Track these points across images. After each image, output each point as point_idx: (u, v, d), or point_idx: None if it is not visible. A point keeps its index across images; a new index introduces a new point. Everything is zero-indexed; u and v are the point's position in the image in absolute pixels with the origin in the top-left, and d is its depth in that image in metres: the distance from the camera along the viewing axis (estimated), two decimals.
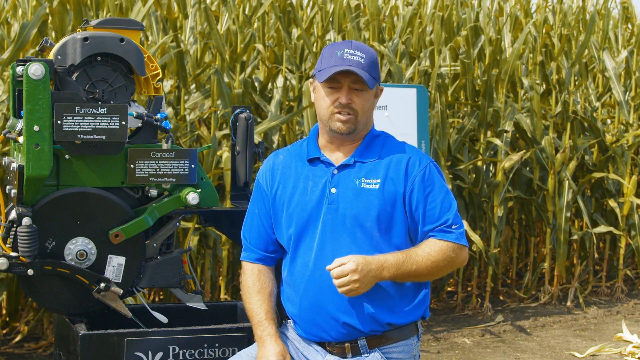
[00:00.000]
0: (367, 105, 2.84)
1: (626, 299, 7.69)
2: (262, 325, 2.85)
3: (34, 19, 5.38)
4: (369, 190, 2.79)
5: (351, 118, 2.81)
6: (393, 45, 7.03)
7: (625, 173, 7.68)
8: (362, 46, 2.85)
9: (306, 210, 2.83)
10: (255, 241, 2.97)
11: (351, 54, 2.80)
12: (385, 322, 2.79)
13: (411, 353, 2.85)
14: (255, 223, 2.97)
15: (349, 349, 2.81)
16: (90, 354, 2.97)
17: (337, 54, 2.80)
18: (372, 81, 2.82)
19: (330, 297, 2.77)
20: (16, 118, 3.13)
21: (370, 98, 2.86)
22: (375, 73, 2.84)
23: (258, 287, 2.92)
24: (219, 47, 6.11)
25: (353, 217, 2.78)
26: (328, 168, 2.85)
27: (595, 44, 8.09)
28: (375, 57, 2.86)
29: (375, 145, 2.88)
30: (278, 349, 2.80)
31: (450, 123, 7.18)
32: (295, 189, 2.87)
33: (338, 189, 2.81)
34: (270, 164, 2.98)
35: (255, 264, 2.96)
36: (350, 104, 2.81)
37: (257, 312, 2.88)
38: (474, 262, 7.17)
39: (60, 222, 3.09)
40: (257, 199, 2.97)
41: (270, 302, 2.91)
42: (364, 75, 2.78)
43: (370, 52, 2.84)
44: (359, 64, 2.79)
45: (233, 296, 6.14)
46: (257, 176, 3.00)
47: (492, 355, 5.94)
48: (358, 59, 2.80)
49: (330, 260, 2.73)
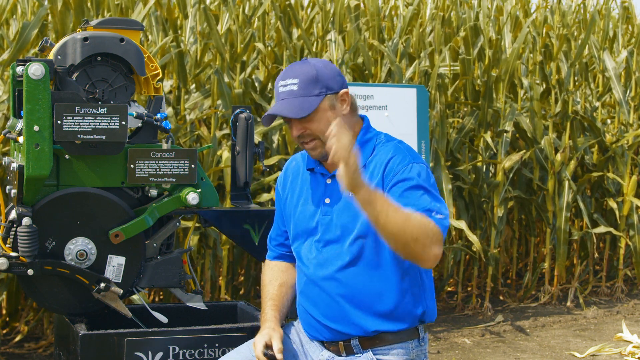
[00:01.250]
0: (322, 124, 2.74)
1: (626, 299, 7.69)
2: (264, 311, 2.95)
3: (35, 20, 5.37)
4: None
5: (316, 143, 2.77)
6: (393, 45, 7.04)
7: (625, 173, 7.68)
8: (294, 70, 2.76)
9: (305, 220, 2.87)
10: (275, 241, 3.08)
11: (284, 85, 2.76)
12: (371, 330, 2.78)
13: (408, 357, 2.80)
14: (276, 225, 3.08)
15: (342, 347, 2.82)
16: (90, 354, 2.97)
17: (277, 88, 2.79)
18: (309, 104, 2.72)
19: (319, 302, 2.81)
20: (16, 118, 3.13)
21: (323, 115, 2.74)
22: (315, 90, 2.73)
23: (270, 277, 3.02)
24: (219, 47, 6.11)
25: (343, 226, 2.77)
26: (323, 178, 2.86)
27: (595, 43, 8.09)
28: (311, 72, 2.74)
29: (365, 151, 2.80)
30: (267, 330, 2.85)
31: (450, 123, 7.18)
32: (299, 197, 2.92)
33: (331, 199, 2.82)
34: (286, 168, 3.04)
35: (274, 261, 3.07)
36: (305, 131, 2.76)
37: (264, 299, 2.98)
38: (474, 262, 7.18)
39: (60, 222, 3.09)
40: (277, 203, 3.06)
41: (280, 290, 2.97)
42: (294, 107, 2.71)
43: (305, 71, 2.74)
44: (291, 93, 2.73)
45: (233, 296, 6.15)
46: (277, 179, 3.07)
47: (492, 355, 5.94)
48: (290, 87, 2.74)
49: (322, 267, 2.79)
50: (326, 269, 2.79)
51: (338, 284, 2.78)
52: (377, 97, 5.10)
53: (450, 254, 6.90)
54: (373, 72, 6.78)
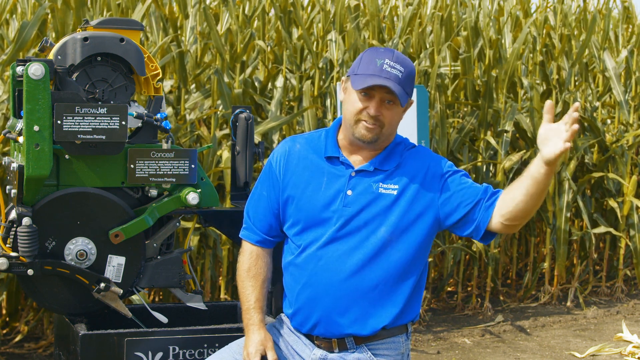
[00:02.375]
0: (395, 119, 2.83)
1: (626, 299, 7.69)
2: (249, 314, 2.89)
3: (34, 19, 5.37)
4: (386, 195, 2.80)
5: (376, 129, 2.80)
6: (393, 45, 7.04)
7: (625, 173, 7.68)
8: (403, 59, 2.81)
9: (317, 207, 2.82)
10: (260, 223, 2.96)
11: (391, 66, 2.77)
12: (379, 327, 2.79)
13: (399, 351, 2.85)
14: (262, 205, 2.95)
15: (335, 343, 2.82)
16: (90, 354, 2.98)
17: (376, 62, 2.77)
18: (405, 97, 2.80)
19: (328, 295, 2.79)
20: (16, 118, 3.13)
21: (399, 112, 2.84)
22: (409, 88, 2.81)
23: (254, 272, 2.94)
24: (219, 47, 6.11)
25: (367, 221, 2.79)
26: (347, 169, 2.85)
27: (596, 43, 8.09)
28: (413, 71, 2.82)
29: (395, 153, 2.87)
30: (259, 338, 2.84)
31: (450, 123, 7.18)
32: (309, 183, 2.86)
33: (354, 191, 2.81)
34: (286, 149, 2.93)
35: (255, 246, 2.97)
36: (379, 116, 2.79)
37: (248, 298, 2.91)
38: (474, 262, 7.17)
39: (60, 222, 3.09)
40: (267, 182, 2.94)
41: (262, 289, 2.93)
42: (398, 91, 2.75)
43: (409, 67, 2.81)
44: (396, 78, 2.76)
45: (233, 296, 6.14)
46: (269, 158, 2.96)
47: (492, 355, 5.94)
48: (397, 72, 2.77)
49: (337, 260, 2.77)
50: (344, 261, 2.78)
51: (357, 278, 2.77)
52: None
53: (450, 253, 6.89)
54: None
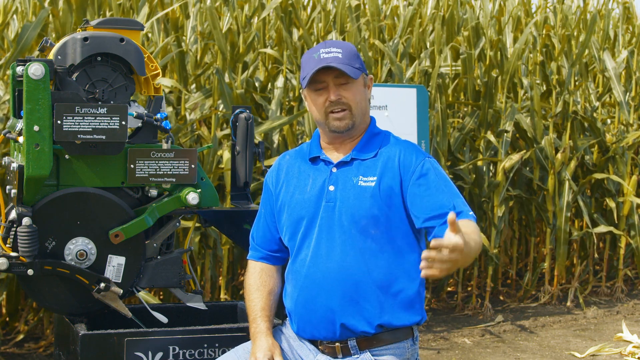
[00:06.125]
0: (359, 96, 2.83)
1: (626, 299, 7.69)
2: (255, 322, 2.90)
3: (36, 22, 5.34)
4: (365, 188, 2.79)
5: (346, 114, 2.81)
6: (393, 45, 7.04)
7: (626, 173, 7.68)
8: (338, 43, 2.86)
9: (304, 208, 2.85)
10: (260, 240, 3.02)
11: (327, 52, 2.80)
12: (376, 324, 2.77)
13: (404, 357, 2.81)
14: (262, 223, 3.02)
15: (339, 349, 2.80)
16: (90, 354, 2.97)
17: (314, 57, 2.81)
18: (355, 71, 2.81)
19: (323, 295, 2.78)
20: (16, 118, 3.13)
21: (359, 88, 2.84)
22: (356, 63, 2.82)
23: (258, 284, 2.97)
24: (221, 47, 6.11)
25: (350, 215, 2.78)
26: (327, 166, 2.87)
27: (596, 44, 8.09)
28: (353, 49, 2.85)
29: (374, 142, 2.87)
30: (266, 345, 2.83)
31: (450, 123, 7.18)
32: (296, 187, 2.90)
33: (336, 186, 2.82)
34: (277, 164, 3.02)
35: (259, 262, 3.01)
36: (340, 99, 2.80)
37: (253, 309, 2.93)
38: (474, 262, 7.18)
39: (60, 222, 3.09)
40: (264, 199, 3.02)
41: (268, 299, 2.94)
42: (343, 67, 2.77)
43: (346, 46, 2.84)
44: (336, 59, 2.79)
45: (233, 296, 6.15)
46: (265, 177, 3.04)
47: (492, 355, 5.94)
48: (335, 54, 2.80)
49: (326, 259, 2.76)
50: (332, 259, 2.77)
51: (345, 273, 2.76)
52: (377, 97, 5.10)
53: None
54: (373, 72, 6.78)
